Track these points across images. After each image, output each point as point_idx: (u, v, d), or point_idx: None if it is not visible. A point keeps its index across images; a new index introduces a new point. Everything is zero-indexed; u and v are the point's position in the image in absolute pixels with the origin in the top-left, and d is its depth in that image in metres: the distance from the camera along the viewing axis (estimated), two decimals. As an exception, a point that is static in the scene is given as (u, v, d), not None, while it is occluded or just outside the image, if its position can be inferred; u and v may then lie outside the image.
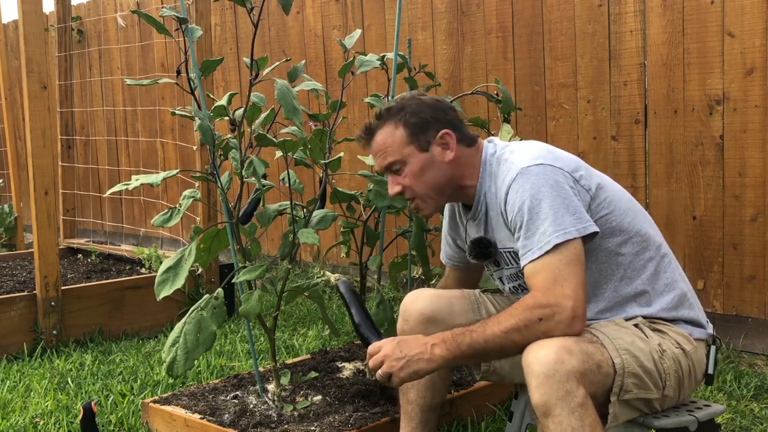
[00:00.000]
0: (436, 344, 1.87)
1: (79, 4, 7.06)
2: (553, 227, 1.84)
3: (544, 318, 1.78)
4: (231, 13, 5.78)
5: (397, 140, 2.08)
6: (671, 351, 1.91)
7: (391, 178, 2.12)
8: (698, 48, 3.51)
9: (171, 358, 2.45)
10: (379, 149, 2.11)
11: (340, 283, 2.30)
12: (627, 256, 1.99)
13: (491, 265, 2.16)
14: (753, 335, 3.49)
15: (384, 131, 2.10)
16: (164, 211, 2.55)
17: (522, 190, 1.91)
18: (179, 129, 6.21)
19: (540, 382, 1.71)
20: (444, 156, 2.07)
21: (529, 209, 1.88)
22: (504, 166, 2.02)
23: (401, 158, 2.08)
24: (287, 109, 2.40)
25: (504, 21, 4.18)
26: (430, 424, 2.25)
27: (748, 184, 3.43)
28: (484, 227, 2.11)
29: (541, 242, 1.85)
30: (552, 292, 1.80)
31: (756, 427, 2.77)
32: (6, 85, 6.12)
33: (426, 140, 2.07)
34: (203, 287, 4.38)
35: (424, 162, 2.07)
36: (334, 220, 2.71)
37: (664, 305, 2.00)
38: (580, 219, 1.87)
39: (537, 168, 1.92)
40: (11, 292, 4.21)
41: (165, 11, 2.48)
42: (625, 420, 1.86)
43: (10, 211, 6.12)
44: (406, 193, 2.11)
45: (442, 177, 2.09)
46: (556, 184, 1.89)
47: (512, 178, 1.94)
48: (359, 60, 2.81)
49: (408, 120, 2.08)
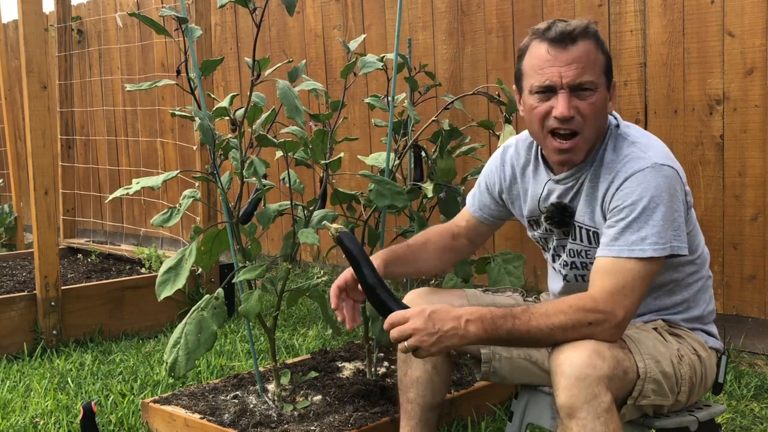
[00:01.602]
0: (471, 321, 1.76)
1: (79, 4, 7.06)
2: (656, 238, 1.78)
3: (594, 323, 1.75)
4: (231, 12, 5.78)
5: (599, 63, 1.87)
6: (688, 357, 1.91)
7: (568, 97, 1.85)
8: (698, 48, 3.51)
9: (173, 359, 2.45)
10: (580, 60, 1.84)
11: (343, 235, 1.91)
12: (683, 273, 1.98)
13: (558, 232, 2.04)
14: (753, 335, 3.49)
15: (589, 45, 1.86)
16: (164, 211, 2.55)
17: (646, 185, 1.81)
18: (179, 129, 6.21)
19: (570, 383, 1.69)
20: (610, 107, 1.93)
21: (643, 209, 1.80)
22: (630, 148, 1.89)
23: (597, 82, 1.86)
24: (289, 108, 2.39)
25: (504, 21, 4.18)
26: (430, 423, 2.24)
27: (748, 184, 3.43)
28: (573, 194, 1.98)
29: (636, 246, 1.79)
30: (613, 301, 1.76)
31: (756, 427, 2.77)
32: (6, 85, 6.12)
33: (610, 80, 1.92)
34: (203, 287, 4.38)
35: (605, 100, 1.89)
36: (334, 220, 2.70)
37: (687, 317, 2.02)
38: (679, 237, 1.82)
39: (668, 170, 1.84)
40: (11, 292, 4.21)
41: (165, 11, 2.48)
42: (629, 419, 1.86)
43: (10, 211, 6.11)
44: (575, 123, 1.86)
45: (604, 126, 1.92)
46: (676, 194, 1.83)
47: (641, 168, 1.83)
48: (362, 61, 2.80)
49: (606, 51, 1.91)
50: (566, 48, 1.84)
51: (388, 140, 2.88)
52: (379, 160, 2.94)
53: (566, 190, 2.00)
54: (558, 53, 1.85)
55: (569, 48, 1.84)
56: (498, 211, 2.24)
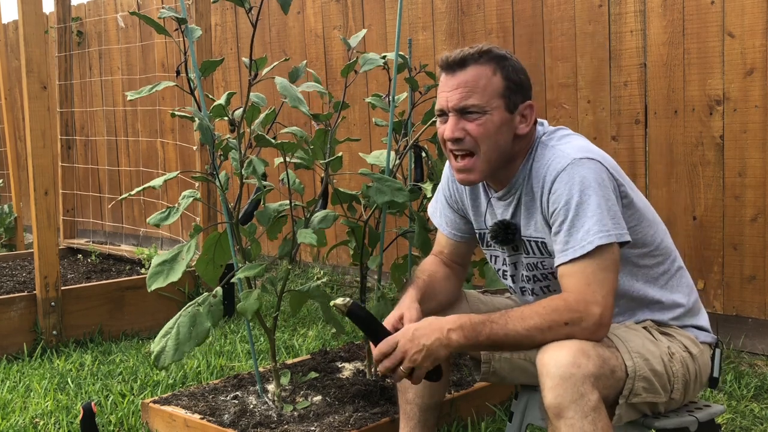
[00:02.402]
0: (453, 329, 1.80)
1: (79, 4, 7.06)
2: (598, 227, 1.80)
3: (570, 323, 1.76)
4: (231, 13, 5.78)
5: (491, 86, 1.92)
6: (679, 354, 1.92)
7: (455, 120, 1.93)
8: (698, 48, 3.51)
9: (160, 348, 2.43)
10: (466, 85, 1.92)
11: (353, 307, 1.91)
12: (645, 268, 1.99)
13: (507, 248, 2.08)
14: (753, 335, 3.49)
15: (480, 69, 1.92)
16: (162, 210, 2.55)
17: (572, 182, 1.85)
18: (179, 129, 6.21)
19: (555, 383, 1.70)
20: (519, 127, 1.96)
21: (576, 204, 1.83)
22: (550, 152, 1.94)
23: (485, 106, 1.92)
24: (291, 98, 2.39)
25: (504, 21, 4.18)
26: (428, 424, 2.24)
27: (748, 184, 3.43)
28: (513, 210, 2.02)
29: (583, 241, 1.80)
30: (584, 298, 1.77)
31: (756, 428, 2.77)
32: (6, 86, 6.12)
33: (514, 103, 1.95)
34: (203, 287, 4.38)
35: (503, 122, 1.93)
36: (334, 220, 2.70)
37: (674, 315, 2.01)
38: (619, 225, 1.83)
39: (589, 162, 1.87)
40: (11, 292, 4.21)
41: (164, 12, 2.48)
42: (628, 420, 1.86)
43: (10, 211, 6.12)
44: (466, 143, 1.93)
45: (508, 146, 1.95)
46: (603, 183, 1.85)
47: (562, 167, 1.87)
48: (363, 58, 2.80)
49: (510, 74, 1.94)
50: (454, 74, 1.94)
51: (389, 140, 2.88)
52: (380, 158, 2.94)
53: (505, 206, 2.04)
54: (447, 79, 1.96)
55: (457, 73, 1.94)
56: (464, 225, 2.22)
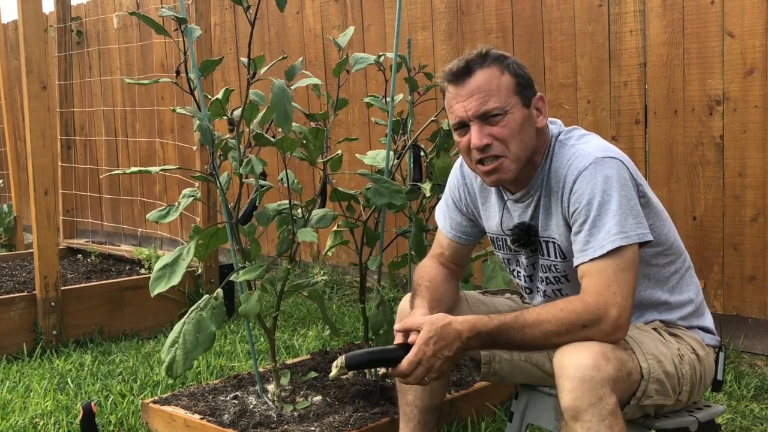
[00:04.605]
0: (471, 337, 1.80)
1: (79, 4, 7.06)
2: (618, 228, 1.79)
3: (588, 325, 1.75)
4: (231, 12, 5.77)
5: (504, 85, 1.89)
6: (688, 356, 1.92)
7: (479, 127, 1.89)
8: (698, 48, 3.50)
9: (170, 359, 2.45)
10: (480, 90, 1.89)
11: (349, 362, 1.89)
12: (657, 267, 1.98)
13: (526, 250, 2.05)
14: (753, 335, 3.49)
15: (488, 72, 1.90)
16: (161, 207, 2.55)
17: (594, 182, 1.83)
18: (179, 129, 6.21)
19: (574, 386, 1.69)
20: (537, 120, 1.94)
21: (599, 204, 1.81)
22: (570, 151, 1.92)
23: (505, 106, 1.89)
24: (278, 116, 2.35)
25: (504, 21, 4.18)
26: (428, 425, 2.24)
27: (748, 184, 3.43)
28: (532, 212, 2.00)
29: (604, 241, 1.79)
30: (603, 300, 1.76)
31: (756, 428, 2.77)
32: (6, 85, 6.12)
33: (527, 98, 1.93)
34: (203, 288, 4.38)
35: (524, 118, 1.91)
36: (333, 219, 2.70)
37: (682, 314, 2.01)
38: (641, 224, 1.83)
39: (611, 161, 1.85)
40: (11, 292, 4.21)
41: (164, 11, 2.48)
42: (630, 419, 1.86)
43: (9, 211, 6.12)
44: (495, 148, 1.90)
45: (533, 141, 1.93)
46: (626, 182, 1.84)
47: (584, 167, 1.85)
48: (353, 58, 2.80)
49: (516, 71, 1.92)
50: (463, 82, 1.91)
51: (388, 140, 2.88)
52: (377, 158, 2.93)
53: (524, 208, 2.02)
54: (458, 89, 1.92)
55: (466, 81, 1.90)
56: (471, 228, 2.21)
